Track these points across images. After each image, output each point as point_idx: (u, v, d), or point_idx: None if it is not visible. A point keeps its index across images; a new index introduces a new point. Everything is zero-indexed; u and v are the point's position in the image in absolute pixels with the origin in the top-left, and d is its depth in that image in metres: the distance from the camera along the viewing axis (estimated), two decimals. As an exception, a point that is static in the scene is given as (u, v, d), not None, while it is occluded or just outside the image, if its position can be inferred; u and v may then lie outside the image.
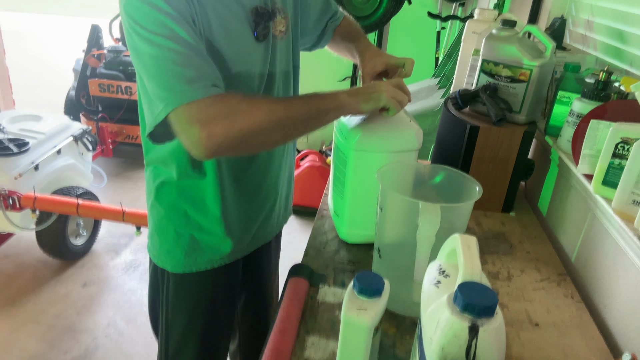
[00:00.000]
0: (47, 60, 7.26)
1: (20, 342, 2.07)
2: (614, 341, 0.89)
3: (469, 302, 0.50)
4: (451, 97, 1.27)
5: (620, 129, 0.89)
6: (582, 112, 1.06)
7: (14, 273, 2.50)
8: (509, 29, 1.20)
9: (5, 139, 2.26)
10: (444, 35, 3.13)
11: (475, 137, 1.16)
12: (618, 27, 1.19)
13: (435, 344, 0.53)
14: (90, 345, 2.08)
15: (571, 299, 0.96)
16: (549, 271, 1.04)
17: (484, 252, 1.09)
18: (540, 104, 1.24)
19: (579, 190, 1.08)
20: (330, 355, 0.78)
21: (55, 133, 2.54)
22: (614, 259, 0.93)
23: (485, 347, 0.50)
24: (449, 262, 0.66)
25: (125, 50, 3.81)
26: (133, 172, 3.76)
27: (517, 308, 0.92)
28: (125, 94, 3.56)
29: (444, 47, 3.07)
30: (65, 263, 2.60)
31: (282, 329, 0.81)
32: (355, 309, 0.66)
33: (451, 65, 2.31)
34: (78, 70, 3.82)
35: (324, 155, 3.23)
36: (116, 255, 2.72)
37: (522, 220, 1.24)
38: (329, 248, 1.08)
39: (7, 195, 2.16)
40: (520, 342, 0.84)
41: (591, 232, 1.03)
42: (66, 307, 2.30)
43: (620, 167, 0.89)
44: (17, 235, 2.70)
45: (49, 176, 2.42)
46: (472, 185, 0.83)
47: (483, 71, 1.25)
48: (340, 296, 0.92)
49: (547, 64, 1.16)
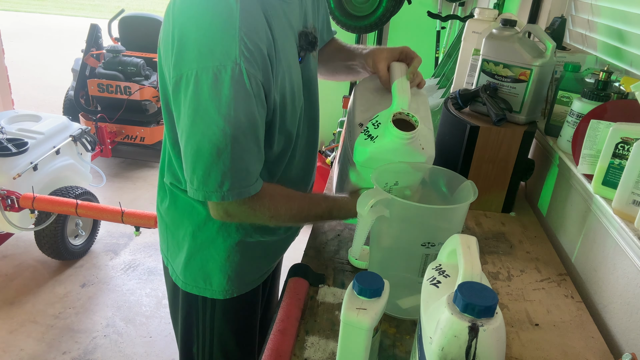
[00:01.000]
0: (46, 60, 7.25)
1: (19, 342, 2.07)
2: (614, 341, 0.89)
3: (469, 302, 0.50)
4: (451, 97, 1.26)
5: (620, 129, 0.89)
6: (582, 112, 1.06)
7: (12, 273, 2.50)
8: (509, 29, 1.20)
9: (4, 139, 2.26)
10: (444, 35, 3.13)
11: (475, 137, 1.16)
12: (618, 27, 1.19)
13: (435, 344, 0.52)
14: (89, 346, 2.08)
15: (571, 299, 0.96)
16: (549, 271, 1.04)
17: (484, 252, 1.09)
18: (540, 104, 1.24)
19: (579, 190, 1.08)
20: (330, 356, 0.78)
21: (54, 133, 2.53)
22: (614, 259, 0.93)
23: (485, 347, 0.50)
24: (449, 262, 0.65)
25: (124, 50, 3.81)
26: (132, 172, 3.75)
27: (517, 308, 0.92)
28: (124, 94, 3.55)
29: (444, 47, 3.06)
30: (64, 263, 2.59)
31: (281, 329, 0.81)
32: (355, 309, 0.66)
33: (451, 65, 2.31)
34: (77, 70, 3.82)
35: (323, 155, 3.23)
36: (115, 256, 2.71)
37: (522, 220, 1.24)
38: (329, 248, 1.07)
39: (6, 196, 2.16)
40: (520, 342, 0.84)
41: (591, 232, 1.02)
42: (65, 307, 2.30)
43: (620, 167, 0.89)
44: (15, 235, 2.69)
45: (47, 176, 2.41)
46: (469, 187, 0.82)
47: (483, 71, 1.24)
48: (340, 296, 0.92)
49: (547, 64, 1.15)
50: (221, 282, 0.99)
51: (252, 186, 0.83)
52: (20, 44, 8.18)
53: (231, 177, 0.80)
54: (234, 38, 0.74)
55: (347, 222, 1.17)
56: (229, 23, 0.74)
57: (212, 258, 0.97)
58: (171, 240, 1.02)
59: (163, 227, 1.04)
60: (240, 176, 0.81)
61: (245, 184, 0.82)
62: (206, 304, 1.02)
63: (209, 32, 0.74)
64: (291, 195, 0.93)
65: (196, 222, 0.96)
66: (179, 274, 1.01)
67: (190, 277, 1.00)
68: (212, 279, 0.99)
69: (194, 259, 0.98)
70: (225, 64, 0.73)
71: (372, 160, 0.90)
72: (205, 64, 0.73)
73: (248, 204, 0.85)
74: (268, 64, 0.79)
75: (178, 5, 0.78)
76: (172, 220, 1.00)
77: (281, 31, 0.83)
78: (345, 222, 1.17)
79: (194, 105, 0.75)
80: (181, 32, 0.76)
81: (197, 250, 0.98)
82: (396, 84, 0.94)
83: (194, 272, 0.99)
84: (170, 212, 1.00)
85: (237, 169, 0.80)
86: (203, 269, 0.98)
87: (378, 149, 0.88)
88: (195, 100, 0.75)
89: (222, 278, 0.99)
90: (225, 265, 0.98)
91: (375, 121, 0.90)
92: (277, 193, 0.90)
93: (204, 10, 0.75)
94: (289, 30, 0.87)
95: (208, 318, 1.03)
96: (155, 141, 3.69)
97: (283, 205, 0.89)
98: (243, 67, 0.74)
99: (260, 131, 0.81)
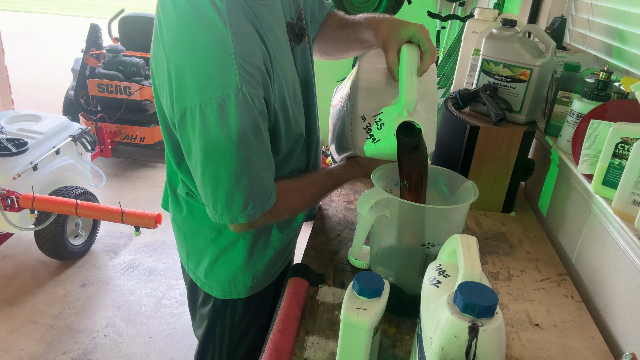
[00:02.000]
0: (46, 60, 7.25)
1: (19, 342, 2.07)
2: (614, 341, 0.89)
3: (469, 302, 0.50)
4: (451, 96, 1.26)
5: (620, 129, 0.89)
6: (582, 112, 1.06)
7: (12, 273, 2.50)
8: (509, 29, 1.20)
9: (4, 139, 2.26)
10: (444, 35, 3.13)
11: (475, 137, 1.16)
12: (618, 27, 1.19)
13: (435, 344, 0.52)
14: (89, 346, 2.08)
15: (571, 299, 0.96)
16: (549, 271, 1.04)
17: (484, 252, 1.09)
18: (540, 104, 1.24)
19: (579, 190, 1.07)
20: (330, 356, 0.78)
21: (54, 133, 2.53)
22: (614, 259, 0.93)
23: (485, 347, 0.50)
24: (449, 262, 0.65)
25: (124, 50, 3.81)
26: (132, 172, 3.75)
27: (517, 308, 0.92)
28: (124, 94, 3.55)
29: (444, 47, 3.06)
30: (63, 263, 2.59)
31: (281, 329, 0.81)
32: (355, 310, 0.66)
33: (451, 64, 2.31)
34: (77, 70, 3.82)
35: (323, 155, 3.23)
36: (115, 256, 2.71)
37: (522, 220, 1.24)
38: (329, 248, 1.07)
39: (6, 196, 2.15)
40: (520, 342, 0.84)
41: (591, 232, 1.02)
42: (65, 307, 2.30)
43: (620, 167, 0.89)
44: (15, 235, 2.69)
45: (47, 176, 2.41)
46: (469, 187, 0.82)
47: (483, 71, 1.24)
48: (340, 296, 0.92)
49: (547, 64, 1.15)
50: (246, 283, 1.01)
51: (271, 197, 0.85)
52: (20, 44, 8.18)
53: (253, 197, 0.81)
54: (232, 65, 0.73)
55: (346, 222, 1.17)
56: (223, 51, 0.73)
57: (235, 260, 0.99)
58: (191, 248, 1.03)
59: (181, 236, 1.05)
60: (260, 193, 0.83)
61: (266, 198, 0.84)
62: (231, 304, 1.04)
63: (206, 63, 0.74)
64: (300, 187, 0.95)
65: (216, 228, 0.97)
66: (204, 279, 1.02)
67: (215, 282, 1.01)
68: (237, 280, 1.00)
69: (217, 263, 1.00)
70: (227, 92, 0.73)
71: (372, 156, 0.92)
72: (208, 96, 0.73)
73: (269, 213, 0.86)
74: (267, 78, 0.79)
75: (167, 36, 0.77)
76: (191, 230, 1.02)
77: (273, 36, 0.83)
78: (345, 222, 1.17)
79: (204, 137, 0.75)
80: (177, 67, 0.75)
81: (221, 255, 0.99)
82: (404, 80, 0.86)
83: (219, 276, 1.00)
84: (188, 222, 1.01)
85: (257, 186, 0.81)
86: (228, 273, 1.00)
87: (378, 150, 0.88)
88: (204, 133, 0.75)
89: (248, 279, 1.00)
90: (250, 265, 1.00)
91: (379, 119, 0.89)
92: (287, 189, 0.91)
93: (196, 42, 0.74)
94: (279, 28, 0.87)
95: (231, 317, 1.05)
96: (155, 141, 3.69)
97: (297, 200, 0.92)
98: (246, 91, 0.74)
99: (268, 144, 0.82)
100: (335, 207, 1.25)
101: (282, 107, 0.85)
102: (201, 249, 1.01)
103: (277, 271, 1.07)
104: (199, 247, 1.01)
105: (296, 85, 0.92)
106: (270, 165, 0.85)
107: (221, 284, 1.01)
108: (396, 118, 0.84)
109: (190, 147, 0.79)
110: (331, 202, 1.27)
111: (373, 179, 0.82)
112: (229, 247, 0.98)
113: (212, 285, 1.02)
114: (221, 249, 0.98)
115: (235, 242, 0.98)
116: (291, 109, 0.88)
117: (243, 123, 0.74)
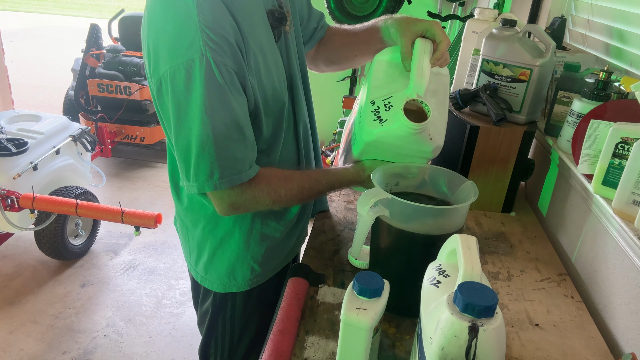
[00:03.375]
0: (46, 60, 7.25)
1: (19, 342, 2.07)
2: (614, 341, 0.89)
3: (469, 302, 0.50)
4: (451, 96, 1.26)
5: (620, 129, 0.89)
6: (582, 112, 1.06)
7: (12, 273, 2.50)
8: (509, 29, 1.20)
9: (4, 139, 2.26)
10: (444, 35, 3.12)
11: (475, 137, 1.16)
12: (618, 27, 1.19)
13: (435, 344, 0.52)
14: (89, 346, 2.08)
15: (571, 299, 0.96)
16: (549, 271, 1.04)
17: (484, 252, 1.09)
18: (540, 104, 1.24)
19: (579, 190, 1.07)
20: (330, 356, 0.78)
21: (54, 133, 2.53)
22: (614, 259, 0.93)
23: (485, 347, 0.50)
24: (449, 262, 0.65)
25: (124, 50, 3.81)
26: (132, 172, 3.75)
27: (517, 308, 0.92)
28: (124, 93, 3.55)
29: (444, 47, 3.06)
30: (64, 263, 2.60)
31: (281, 329, 0.81)
32: (355, 309, 0.66)
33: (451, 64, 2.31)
34: (77, 70, 3.82)
35: (324, 155, 3.23)
36: (115, 256, 2.71)
37: (522, 220, 1.24)
38: (329, 248, 1.07)
39: (6, 195, 2.16)
40: (520, 342, 0.84)
41: (591, 232, 1.02)
42: (65, 307, 2.30)
43: (620, 167, 0.89)
44: (15, 235, 2.69)
45: (47, 176, 2.41)
46: (469, 187, 0.82)
47: (483, 71, 1.24)
48: (339, 296, 0.92)
49: (547, 64, 1.15)
50: (245, 275, 1.02)
51: (244, 173, 0.85)
52: (20, 44, 8.18)
53: (219, 166, 0.82)
54: (195, 31, 0.76)
55: (346, 222, 1.18)
56: (187, 18, 0.77)
57: (233, 251, 1.00)
58: (192, 242, 1.05)
59: (184, 231, 1.07)
60: (227, 164, 0.82)
61: (236, 171, 0.84)
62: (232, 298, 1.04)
63: (173, 32, 0.78)
64: (289, 176, 0.94)
65: (212, 218, 0.99)
66: (204, 274, 1.04)
67: (215, 275, 1.03)
68: (236, 272, 1.01)
69: (216, 256, 1.01)
70: (192, 57, 0.76)
71: (378, 143, 0.89)
72: (176, 62, 0.77)
73: (248, 192, 0.86)
74: (238, 52, 0.80)
75: (145, 19, 0.82)
76: (191, 222, 1.04)
77: (247, 17, 0.84)
78: (345, 222, 1.17)
79: (175, 103, 0.79)
80: (152, 41, 0.80)
81: (218, 246, 1.01)
82: (415, 65, 0.87)
83: (219, 269, 1.02)
84: (188, 214, 1.03)
85: (223, 157, 0.82)
86: (226, 265, 1.01)
87: (385, 134, 0.87)
88: (175, 99, 0.79)
89: (246, 270, 1.02)
90: (247, 256, 1.01)
91: (388, 102, 0.88)
92: (274, 176, 0.91)
93: (166, 16, 0.79)
94: (257, 11, 0.87)
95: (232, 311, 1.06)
96: (155, 141, 3.69)
97: (282, 187, 0.91)
98: (210, 57, 0.76)
99: (241, 119, 0.83)
100: (335, 207, 1.25)
101: (260, 86, 0.86)
102: (200, 243, 1.03)
103: (277, 266, 1.07)
104: (198, 241, 1.03)
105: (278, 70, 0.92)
106: (246, 142, 0.84)
107: (221, 277, 1.03)
108: (405, 99, 0.84)
109: (168, 118, 0.82)
110: (331, 202, 1.27)
111: (373, 179, 0.82)
112: (225, 238, 1.00)
113: (213, 280, 1.04)
114: (218, 240, 1.00)
115: (231, 232, 0.99)
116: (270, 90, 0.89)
117: (208, 88, 0.77)
